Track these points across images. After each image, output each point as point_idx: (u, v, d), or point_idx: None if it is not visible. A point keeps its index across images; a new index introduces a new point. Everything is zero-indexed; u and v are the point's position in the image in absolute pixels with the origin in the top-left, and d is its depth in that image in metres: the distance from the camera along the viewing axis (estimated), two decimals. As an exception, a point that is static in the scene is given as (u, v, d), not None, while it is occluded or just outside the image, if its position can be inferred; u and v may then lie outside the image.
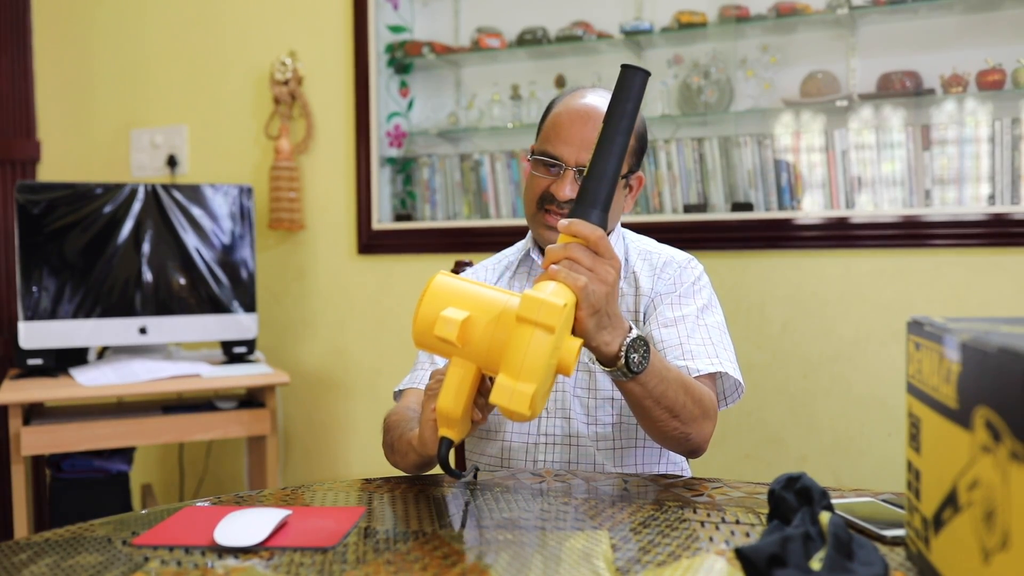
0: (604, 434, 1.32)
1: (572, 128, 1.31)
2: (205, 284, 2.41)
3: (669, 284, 1.36)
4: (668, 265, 1.38)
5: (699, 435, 1.18)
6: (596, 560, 0.81)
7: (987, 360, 0.60)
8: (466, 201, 2.56)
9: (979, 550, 0.61)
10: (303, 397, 2.71)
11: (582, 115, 1.32)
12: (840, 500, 0.95)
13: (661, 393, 1.10)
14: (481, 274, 1.49)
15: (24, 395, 2.07)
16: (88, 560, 0.82)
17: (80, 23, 2.92)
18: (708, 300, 1.36)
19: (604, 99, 1.33)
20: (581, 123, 1.31)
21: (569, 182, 1.30)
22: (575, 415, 1.32)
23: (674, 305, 1.33)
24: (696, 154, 2.26)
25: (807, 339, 2.15)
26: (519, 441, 1.34)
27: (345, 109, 2.65)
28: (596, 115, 1.31)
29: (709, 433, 1.20)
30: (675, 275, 1.37)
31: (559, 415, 1.33)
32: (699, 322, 1.31)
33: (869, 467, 2.08)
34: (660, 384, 1.09)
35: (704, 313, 1.33)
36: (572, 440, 1.32)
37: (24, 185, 2.28)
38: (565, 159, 1.31)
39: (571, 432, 1.32)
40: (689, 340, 1.28)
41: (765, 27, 2.24)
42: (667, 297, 1.34)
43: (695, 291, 1.35)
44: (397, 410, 1.38)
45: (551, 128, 1.34)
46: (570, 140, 1.31)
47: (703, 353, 1.26)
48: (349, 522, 0.93)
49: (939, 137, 2.05)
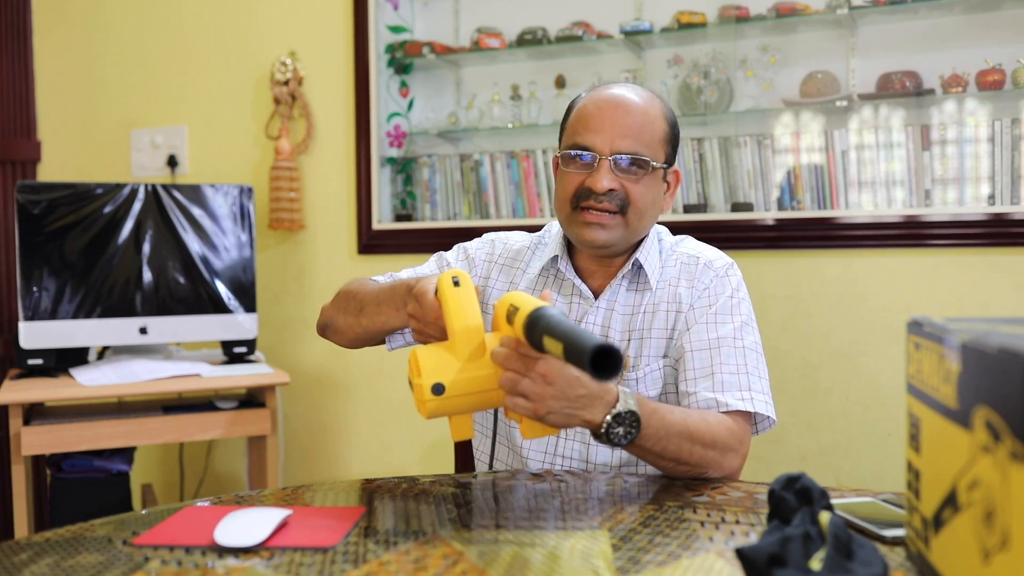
0: (628, 459, 1.28)
1: (602, 116, 1.26)
2: (205, 284, 2.41)
3: (704, 296, 1.28)
4: (705, 272, 1.30)
5: (721, 470, 1.13)
6: (596, 560, 0.81)
7: (987, 360, 0.60)
8: (466, 201, 2.56)
9: (979, 550, 0.61)
10: (303, 397, 2.71)
11: (611, 103, 1.27)
12: (840, 500, 0.95)
13: (662, 449, 1.07)
14: (495, 273, 1.41)
15: (24, 395, 2.07)
16: (88, 560, 0.82)
17: (80, 23, 2.92)
18: (747, 315, 1.28)
19: (630, 90, 1.29)
20: (611, 109, 1.26)
21: (606, 172, 1.24)
22: (592, 439, 1.30)
23: (709, 324, 1.25)
24: (696, 154, 2.26)
25: (807, 339, 2.15)
26: (535, 460, 1.32)
27: (345, 109, 2.65)
28: (627, 103, 1.26)
29: (734, 466, 1.15)
30: (712, 285, 1.29)
31: (577, 438, 1.30)
32: (735, 344, 1.23)
33: (869, 467, 2.08)
34: (658, 444, 1.06)
35: (742, 332, 1.25)
36: (589, 466, 1.30)
37: (24, 185, 2.28)
38: (599, 148, 1.25)
39: (589, 458, 1.29)
40: (722, 368, 1.21)
41: (765, 27, 2.24)
42: (702, 313, 1.26)
43: (733, 305, 1.27)
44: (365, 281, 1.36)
45: (578, 122, 1.28)
46: (601, 128, 1.25)
47: (735, 384, 1.20)
48: (349, 522, 0.93)
49: (939, 137, 2.05)
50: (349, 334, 1.33)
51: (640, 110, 1.27)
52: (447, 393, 0.97)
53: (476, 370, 0.98)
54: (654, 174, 1.28)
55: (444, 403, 0.97)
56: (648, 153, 1.26)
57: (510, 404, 0.98)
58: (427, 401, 0.97)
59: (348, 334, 1.34)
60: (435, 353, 0.99)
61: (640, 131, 1.26)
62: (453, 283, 1.01)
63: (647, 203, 1.28)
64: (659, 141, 1.28)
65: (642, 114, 1.27)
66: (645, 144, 1.26)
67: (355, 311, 1.30)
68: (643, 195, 1.27)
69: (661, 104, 1.31)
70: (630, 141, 1.25)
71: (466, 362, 0.98)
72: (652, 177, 1.28)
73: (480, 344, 0.99)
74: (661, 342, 1.29)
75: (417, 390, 0.98)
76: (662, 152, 1.29)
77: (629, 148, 1.25)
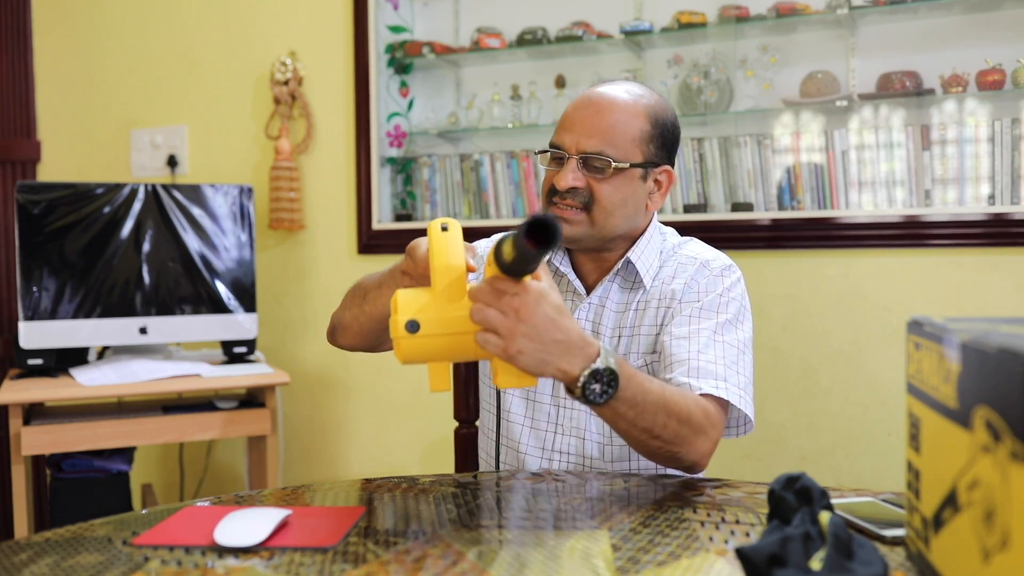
0: (621, 455, 1.28)
1: (575, 115, 1.28)
2: (205, 284, 2.41)
3: (694, 291, 1.27)
4: (700, 271, 1.30)
5: (690, 454, 1.10)
6: (596, 560, 0.81)
7: (987, 360, 0.60)
8: (466, 201, 2.56)
9: (979, 550, 0.61)
10: (303, 397, 2.71)
11: (585, 102, 1.28)
12: (840, 500, 0.95)
13: (636, 415, 1.03)
14: None
15: (24, 395, 2.07)
16: (88, 560, 0.82)
17: (80, 23, 2.92)
18: (734, 315, 1.26)
19: (621, 88, 1.29)
20: (584, 109, 1.27)
21: (570, 170, 1.25)
22: (589, 435, 1.30)
23: (692, 317, 1.24)
24: (696, 154, 2.26)
25: (807, 339, 2.15)
26: (534, 456, 1.33)
27: (345, 109, 2.65)
28: (603, 101, 1.27)
29: (705, 451, 1.12)
30: (704, 283, 1.28)
31: (573, 434, 1.30)
32: (715, 338, 1.21)
33: (869, 467, 2.08)
34: (633, 408, 1.02)
35: (724, 329, 1.23)
36: (585, 461, 1.30)
37: (24, 185, 2.28)
38: (566, 146, 1.26)
39: (584, 453, 1.30)
40: (699, 356, 1.19)
41: (765, 27, 2.24)
42: (687, 307, 1.25)
43: (721, 303, 1.25)
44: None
45: (560, 120, 1.31)
46: (571, 127, 1.27)
47: (710, 373, 1.17)
48: (349, 522, 0.93)
49: (939, 137, 2.05)
50: (355, 327, 1.31)
51: (615, 109, 1.27)
52: (422, 331, 0.93)
53: (454, 311, 0.94)
54: (625, 174, 1.26)
55: (419, 342, 0.94)
56: (615, 153, 1.25)
57: (481, 341, 0.93)
58: (401, 338, 0.93)
59: (355, 327, 1.31)
60: (415, 293, 0.96)
61: (608, 130, 1.25)
62: (441, 228, 0.98)
63: (614, 202, 1.26)
64: (633, 140, 1.27)
65: (615, 113, 1.26)
66: (612, 143, 1.25)
67: (359, 302, 1.28)
68: (609, 194, 1.26)
69: (648, 104, 1.30)
70: (596, 140, 1.25)
71: (445, 302, 0.94)
72: (622, 177, 1.26)
73: (461, 284, 0.95)
74: (650, 339, 1.29)
75: (392, 327, 0.94)
76: (638, 152, 1.27)
77: (593, 148, 1.25)
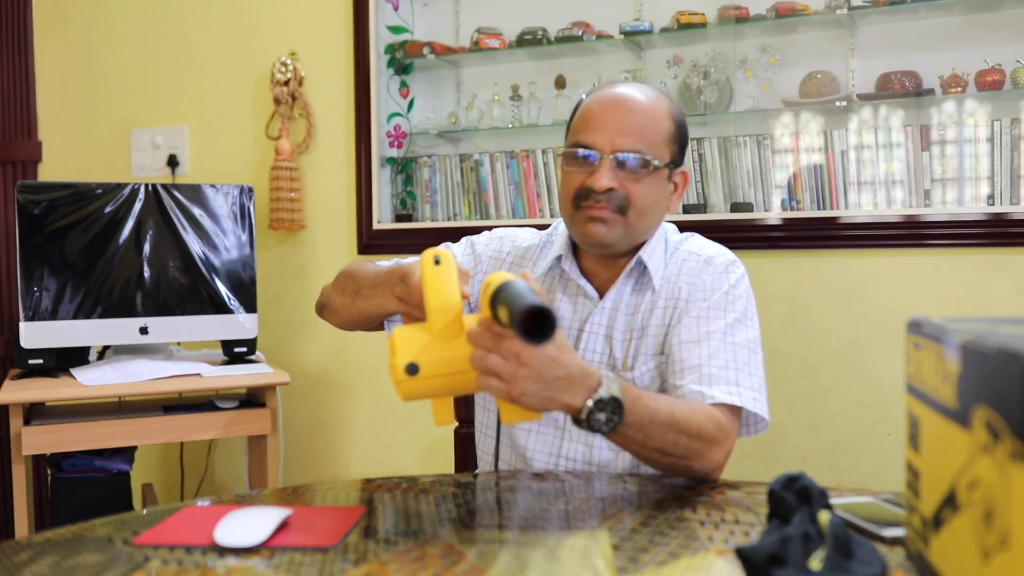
0: (632, 462, 1.27)
1: (604, 114, 1.25)
2: (205, 284, 2.41)
3: (700, 291, 1.26)
4: (705, 269, 1.29)
5: (704, 465, 1.11)
6: (596, 560, 0.81)
7: (986, 360, 0.60)
8: (466, 201, 2.56)
9: (978, 550, 0.61)
10: (303, 397, 2.71)
11: (614, 101, 1.27)
12: (840, 500, 0.95)
13: (645, 438, 1.04)
14: (503, 270, 1.40)
15: (25, 395, 2.07)
16: (89, 560, 0.82)
17: (81, 23, 2.92)
18: (742, 312, 1.25)
19: (636, 88, 1.29)
20: (614, 108, 1.26)
21: (607, 171, 1.23)
22: (597, 441, 1.28)
23: (701, 319, 1.23)
24: (695, 154, 2.26)
25: (807, 339, 2.15)
26: (540, 461, 1.32)
27: (345, 109, 2.65)
28: (630, 102, 1.26)
29: (719, 461, 1.12)
30: (709, 281, 1.27)
31: (581, 440, 1.29)
32: (725, 340, 1.20)
33: (869, 467, 2.08)
34: (641, 432, 1.02)
35: (733, 329, 1.22)
36: (593, 468, 1.29)
37: (25, 185, 2.28)
38: (600, 147, 1.24)
39: (592, 459, 1.29)
40: (710, 362, 1.18)
41: (765, 27, 2.24)
42: (695, 307, 1.25)
43: (728, 301, 1.25)
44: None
45: (581, 120, 1.28)
46: (603, 127, 1.24)
47: (722, 379, 1.17)
48: (349, 522, 0.93)
49: (938, 137, 2.05)
50: (344, 315, 1.32)
51: (644, 108, 1.26)
52: (422, 373, 0.93)
53: (453, 350, 0.93)
54: (657, 174, 1.27)
55: (420, 384, 0.94)
56: (650, 152, 1.25)
57: (482, 384, 0.93)
58: (401, 381, 0.93)
59: (344, 315, 1.32)
60: (412, 333, 0.95)
61: (643, 129, 1.25)
62: (434, 262, 0.97)
63: (648, 203, 1.26)
64: (663, 140, 1.27)
65: (645, 112, 1.26)
66: (647, 143, 1.25)
67: (352, 293, 1.28)
68: (644, 195, 1.25)
69: (668, 103, 1.30)
70: (631, 139, 1.24)
71: (443, 342, 0.94)
72: (655, 177, 1.27)
73: (458, 323, 0.94)
74: (658, 340, 1.28)
75: (392, 370, 0.94)
76: (667, 151, 1.27)
77: (630, 146, 1.24)
